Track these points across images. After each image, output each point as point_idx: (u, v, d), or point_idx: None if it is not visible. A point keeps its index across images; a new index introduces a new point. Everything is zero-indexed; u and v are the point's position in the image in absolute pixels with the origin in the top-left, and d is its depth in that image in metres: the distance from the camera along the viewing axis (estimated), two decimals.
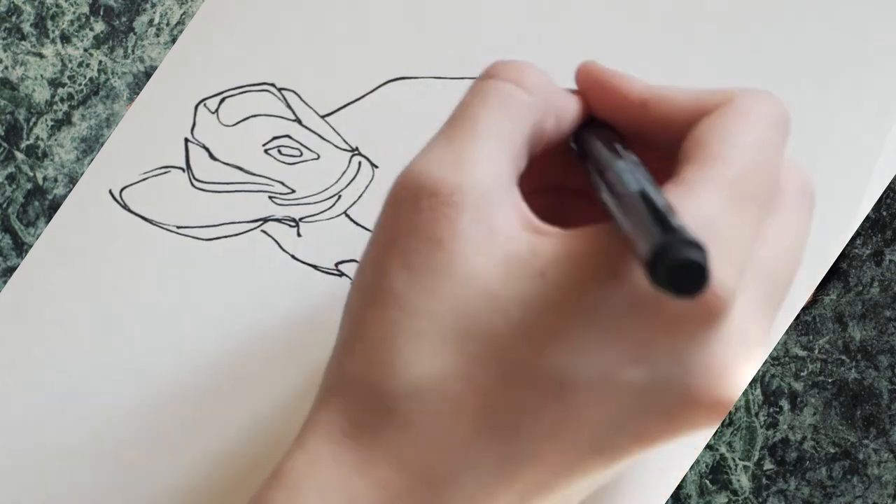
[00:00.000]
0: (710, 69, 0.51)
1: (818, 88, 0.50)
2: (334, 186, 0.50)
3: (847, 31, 0.51)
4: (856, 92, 0.50)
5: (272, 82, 0.51)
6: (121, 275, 0.49)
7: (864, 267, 0.52)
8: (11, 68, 0.52)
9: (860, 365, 0.51)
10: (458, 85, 0.51)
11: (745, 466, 0.51)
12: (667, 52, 0.51)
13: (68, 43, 0.52)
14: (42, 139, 0.52)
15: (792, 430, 0.51)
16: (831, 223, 0.49)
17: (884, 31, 0.51)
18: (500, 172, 0.37)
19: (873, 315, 0.52)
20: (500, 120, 0.38)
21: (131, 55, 0.52)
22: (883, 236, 0.52)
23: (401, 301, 0.35)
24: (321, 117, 0.50)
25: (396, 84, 0.51)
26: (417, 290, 0.35)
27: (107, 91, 0.52)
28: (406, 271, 0.35)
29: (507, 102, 0.38)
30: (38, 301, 0.49)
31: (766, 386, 0.51)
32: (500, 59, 0.40)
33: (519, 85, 0.39)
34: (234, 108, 0.51)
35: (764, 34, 0.51)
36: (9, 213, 0.52)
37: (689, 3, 0.51)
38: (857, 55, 0.51)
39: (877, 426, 0.51)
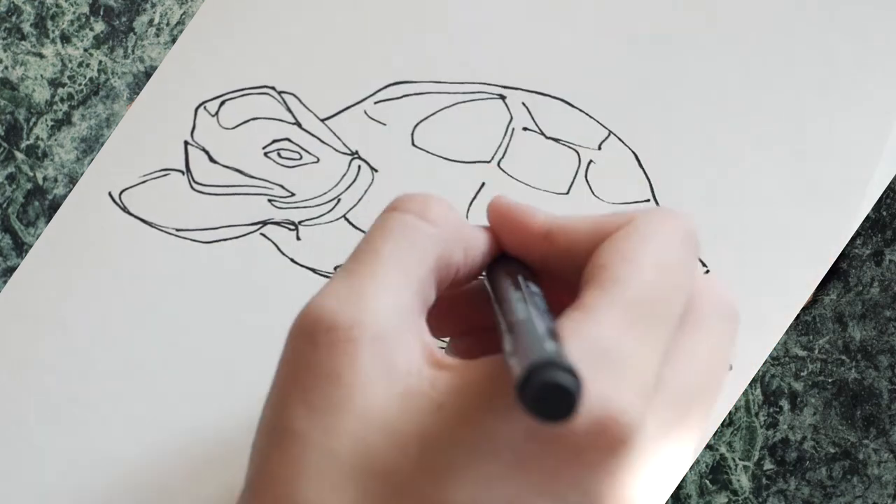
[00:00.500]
0: (710, 72, 0.51)
1: (819, 89, 0.50)
2: (334, 190, 0.50)
3: (847, 32, 0.51)
4: (856, 93, 0.50)
5: (272, 85, 0.51)
6: (120, 276, 0.49)
7: (864, 267, 0.52)
8: (11, 68, 0.52)
9: (860, 365, 0.51)
10: (457, 89, 0.51)
11: (745, 466, 0.51)
12: (667, 56, 0.51)
13: (68, 43, 0.52)
14: (42, 139, 0.52)
15: (792, 430, 0.51)
16: (831, 223, 0.50)
17: (884, 32, 0.51)
18: (402, 305, 0.36)
19: (873, 315, 0.52)
20: (403, 252, 0.37)
21: (131, 55, 0.52)
22: (883, 236, 0.52)
23: (301, 440, 0.35)
24: (321, 121, 0.50)
25: (396, 88, 0.51)
26: (317, 428, 0.35)
27: (107, 91, 0.52)
28: (305, 409, 0.35)
29: (411, 235, 0.37)
30: (38, 301, 0.49)
31: (766, 386, 0.51)
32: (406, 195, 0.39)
33: (422, 217, 0.38)
34: (233, 111, 0.51)
35: (764, 36, 0.51)
36: (9, 213, 0.52)
37: (689, 6, 0.51)
38: (857, 56, 0.51)
39: (877, 426, 0.51)
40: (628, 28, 0.51)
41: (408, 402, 0.35)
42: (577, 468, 0.34)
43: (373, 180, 0.50)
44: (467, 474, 0.34)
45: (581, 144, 0.50)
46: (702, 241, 0.49)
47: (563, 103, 0.50)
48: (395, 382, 0.35)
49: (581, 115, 0.50)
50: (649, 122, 0.50)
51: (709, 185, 0.50)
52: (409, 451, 0.34)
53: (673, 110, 0.50)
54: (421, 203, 0.38)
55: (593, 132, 0.50)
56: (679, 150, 0.50)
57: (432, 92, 0.51)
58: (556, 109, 0.50)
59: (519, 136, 0.50)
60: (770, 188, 0.50)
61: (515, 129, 0.50)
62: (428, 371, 0.35)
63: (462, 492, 0.34)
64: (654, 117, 0.50)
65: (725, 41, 0.51)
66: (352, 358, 0.35)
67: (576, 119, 0.50)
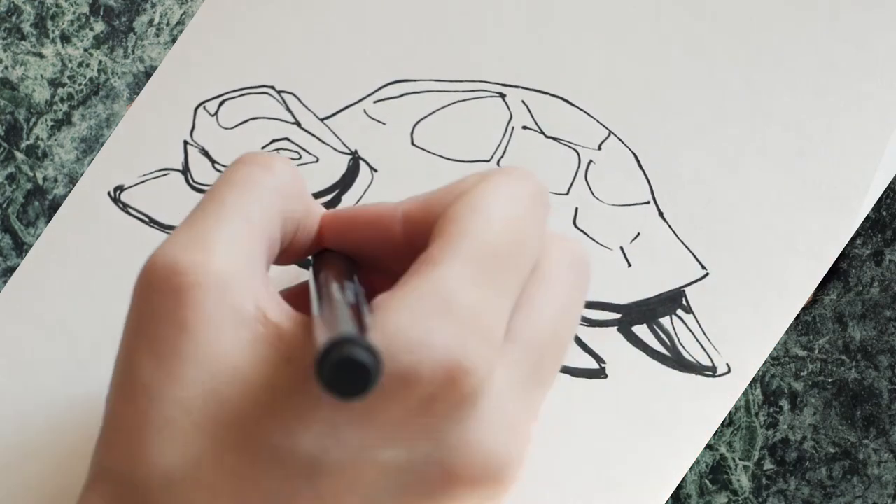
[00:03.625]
0: (710, 72, 0.51)
1: (819, 90, 0.50)
2: (333, 189, 0.50)
3: (847, 33, 0.51)
4: (856, 93, 0.50)
5: (272, 85, 0.51)
6: (120, 276, 0.49)
7: (864, 267, 0.52)
8: (11, 68, 0.52)
9: (860, 365, 0.51)
10: (456, 87, 0.51)
11: (745, 466, 0.51)
12: (668, 56, 0.51)
13: (68, 43, 0.52)
14: (42, 139, 0.52)
15: (792, 430, 0.51)
16: (831, 223, 0.50)
17: (884, 34, 0.51)
18: (246, 254, 0.36)
19: (873, 315, 0.52)
20: (247, 201, 0.37)
21: (131, 55, 0.52)
22: (883, 236, 0.52)
23: (150, 391, 0.34)
24: (320, 120, 0.50)
25: (395, 87, 0.51)
26: (165, 377, 0.34)
27: (107, 91, 0.52)
28: (153, 359, 0.35)
29: (254, 186, 0.37)
30: (38, 301, 0.49)
31: (766, 386, 0.51)
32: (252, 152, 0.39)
33: (266, 170, 0.38)
34: (233, 111, 0.51)
35: (765, 37, 0.51)
36: (9, 213, 0.52)
37: (689, 8, 0.51)
38: (857, 58, 0.51)
39: (877, 426, 0.51)
40: (629, 28, 0.51)
41: (256, 350, 0.35)
42: (426, 418, 0.34)
43: (372, 179, 0.50)
44: (316, 424, 0.34)
45: (581, 144, 0.50)
46: (701, 241, 0.49)
47: (564, 102, 0.50)
48: (242, 329, 0.35)
49: (581, 114, 0.50)
50: (649, 122, 0.50)
51: (708, 186, 0.50)
52: (258, 401, 0.34)
53: (673, 111, 0.50)
54: (266, 157, 0.38)
55: (593, 132, 0.50)
56: (679, 151, 0.50)
57: (432, 90, 0.51)
58: (556, 108, 0.50)
59: (519, 135, 0.50)
60: (770, 188, 0.50)
61: (515, 128, 0.50)
62: (275, 318, 0.35)
63: (310, 440, 0.34)
64: (654, 117, 0.50)
65: (726, 41, 0.51)
66: (197, 303, 0.34)
67: (576, 118, 0.50)
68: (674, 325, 0.49)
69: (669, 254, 0.50)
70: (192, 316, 0.34)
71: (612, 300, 0.50)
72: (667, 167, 0.50)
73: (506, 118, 0.50)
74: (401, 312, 0.34)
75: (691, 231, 0.50)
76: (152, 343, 0.35)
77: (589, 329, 0.49)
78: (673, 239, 0.50)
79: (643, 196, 0.50)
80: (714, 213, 0.50)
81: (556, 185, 0.50)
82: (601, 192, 0.50)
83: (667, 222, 0.50)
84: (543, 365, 0.37)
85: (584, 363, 0.49)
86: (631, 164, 0.50)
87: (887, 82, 0.50)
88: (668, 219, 0.50)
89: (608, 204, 0.50)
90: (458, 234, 0.35)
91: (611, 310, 0.50)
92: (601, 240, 0.50)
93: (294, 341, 0.35)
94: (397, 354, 0.33)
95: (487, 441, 0.35)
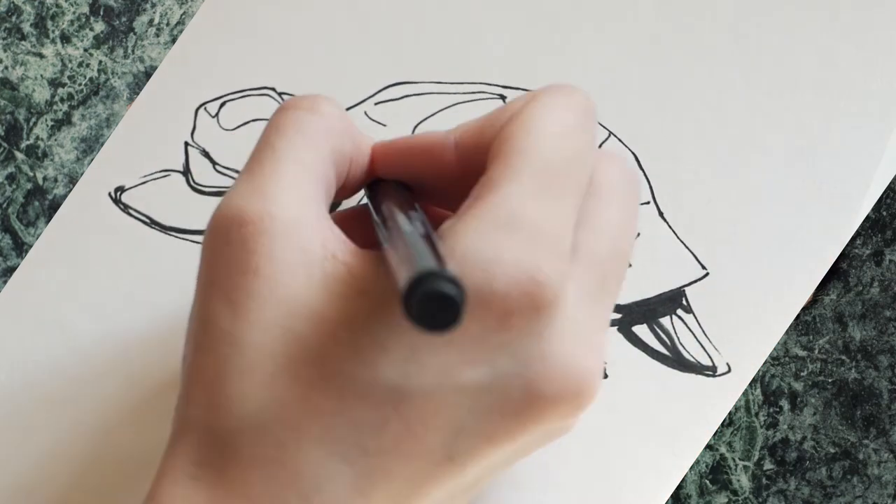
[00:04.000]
0: (710, 72, 0.51)
1: (819, 89, 0.50)
2: None
3: (848, 32, 0.51)
4: (856, 93, 0.50)
5: (272, 86, 0.51)
6: (120, 276, 0.49)
7: (864, 267, 0.52)
8: (11, 68, 0.52)
9: (860, 365, 0.51)
10: (457, 89, 0.51)
11: (745, 466, 0.51)
12: (667, 56, 0.51)
13: (68, 43, 0.52)
14: (42, 139, 0.52)
15: (792, 430, 0.51)
16: (831, 223, 0.50)
17: (884, 32, 0.51)
18: (306, 197, 0.37)
19: (873, 315, 0.52)
20: (299, 146, 0.38)
21: (131, 55, 0.52)
22: (883, 236, 0.52)
23: (229, 338, 0.35)
24: None
25: (396, 88, 0.51)
26: (244, 323, 0.35)
27: (107, 91, 0.52)
28: (229, 307, 0.35)
29: (304, 129, 0.38)
30: (38, 301, 0.49)
31: (766, 386, 0.51)
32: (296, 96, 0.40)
33: (313, 112, 0.39)
34: (234, 113, 0.51)
35: (765, 36, 0.51)
36: (9, 213, 0.52)
37: (689, 8, 0.51)
38: (857, 56, 0.51)
39: (877, 426, 0.51)
40: (628, 28, 0.51)
41: (330, 288, 0.35)
42: (504, 334, 0.34)
43: None
44: (397, 352, 0.34)
45: None
46: (702, 241, 0.49)
47: None
48: (313, 269, 0.35)
49: None
50: (649, 123, 0.50)
51: (708, 186, 0.50)
52: (337, 336, 0.35)
53: (673, 111, 0.50)
54: (311, 100, 0.39)
55: None
56: (679, 151, 0.50)
57: (433, 92, 0.51)
58: None
59: None
60: (770, 188, 0.50)
61: None
62: (343, 258, 0.36)
63: (393, 368, 0.34)
64: (654, 117, 0.50)
65: (725, 41, 0.51)
66: (267, 249, 0.35)
67: None
68: (674, 324, 0.49)
69: (669, 254, 0.50)
70: (263, 262, 0.35)
71: None
72: (667, 167, 0.50)
73: None
74: (469, 235, 0.34)
75: (691, 231, 0.50)
76: (228, 292, 0.36)
77: None
78: (673, 239, 0.50)
79: (643, 196, 0.50)
80: (714, 213, 0.50)
81: None
82: None
83: (667, 222, 0.50)
84: (608, 278, 0.38)
85: None
86: (631, 164, 0.50)
87: (887, 82, 0.50)
88: (668, 219, 0.50)
89: None
90: (515, 153, 0.36)
91: None
92: None
93: (365, 275, 0.35)
94: (471, 275, 0.34)
95: (566, 353, 0.35)
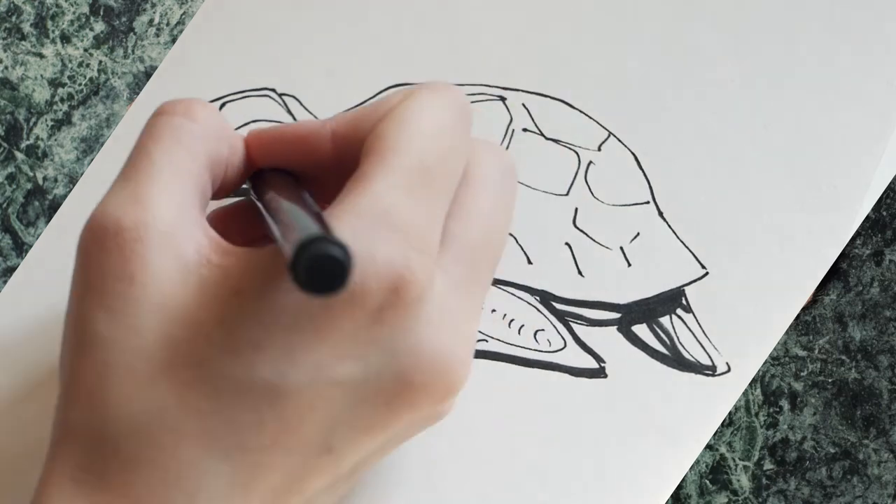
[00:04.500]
0: (710, 72, 0.51)
1: (819, 89, 0.50)
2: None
3: (847, 32, 0.51)
4: (856, 93, 0.50)
5: (273, 88, 0.51)
6: None
7: (864, 267, 0.52)
8: (11, 68, 0.52)
9: (860, 365, 0.51)
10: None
11: (745, 466, 0.51)
12: (667, 57, 0.51)
13: (68, 43, 0.52)
14: (42, 139, 0.52)
15: (792, 430, 0.51)
16: (831, 223, 0.50)
17: (884, 33, 0.51)
18: (182, 203, 0.38)
19: (873, 315, 0.52)
20: (174, 152, 0.39)
21: (131, 55, 0.52)
22: (883, 236, 0.52)
23: (107, 343, 0.36)
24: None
25: (397, 90, 0.51)
26: (120, 328, 0.36)
27: (107, 91, 0.52)
28: (106, 313, 0.36)
29: (179, 134, 0.39)
30: (38, 301, 0.49)
31: (766, 386, 0.51)
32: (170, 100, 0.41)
33: (188, 117, 0.39)
34: (234, 113, 0.51)
35: (764, 36, 0.51)
36: (9, 213, 0.52)
37: (688, 7, 0.51)
38: (857, 56, 0.50)
39: (877, 426, 0.51)
40: (628, 29, 0.51)
41: (205, 291, 0.36)
42: (375, 328, 0.36)
43: None
44: (271, 350, 0.35)
45: (581, 145, 0.50)
46: (701, 241, 0.49)
47: (564, 104, 0.50)
48: (189, 275, 0.36)
49: (581, 116, 0.50)
50: (649, 124, 0.50)
51: (708, 186, 0.50)
52: (213, 338, 0.35)
53: (672, 111, 0.50)
54: (185, 105, 0.40)
55: (593, 133, 0.50)
56: (678, 151, 0.50)
57: None
58: (556, 110, 0.50)
59: (519, 137, 0.50)
60: (770, 188, 0.50)
61: (515, 130, 0.50)
62: (218, 259, 0.37)
63: (268, 366, 0.35)
64: (654, 118, 0.50)
65: (725, 41, 0.51)
66: (142, 256, 0.36)
67: (576, 120, 0.50)
68: (673, 324, 0.49)
69: (669, 253, 0.50)
70: (139, 269, 0.36)
71: (612, 300, 0.50)
72: (667, 167, 0.50)
73: (506, 121, 0.50)
74: (340, 230, 0.35)
75: (691, 231, 0.50)
76: (104, 298, 0.36)
77: (589, 328, 0.49)
78: (673, 239, 0.50)
79: (643, 196, 0.50)
80: (714, 213, 0.50)
81: (557, 185, 0.50)
82: (601, 192, 0.50)
83: (667, 222, 0.50)
84: (479, 265, 0.39)
85: (584, 363, 0.49)
86: (631, 164, 0.50)
87: (887, 82, 0.50)
88: (668, 219, 0.50)
89: (608, 204, 0.50)
90: (388, 149, 0.37)
91: (611, 309, 0.50)
92: (601, 240, 0.50)
93: (241, 275, 0.36)
94: None
95: (433, 342, 0.37)
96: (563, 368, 0.49)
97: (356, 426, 0.37)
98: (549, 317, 0.49)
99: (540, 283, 0.49)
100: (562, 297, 0.49)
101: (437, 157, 0.37)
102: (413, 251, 0.35)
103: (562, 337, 0.49)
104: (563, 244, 0.50)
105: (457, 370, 0.37)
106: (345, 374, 0.36)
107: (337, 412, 0.36)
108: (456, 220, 0.39)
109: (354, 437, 0.37)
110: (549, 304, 0.49)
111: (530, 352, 0.49)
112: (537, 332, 0.49)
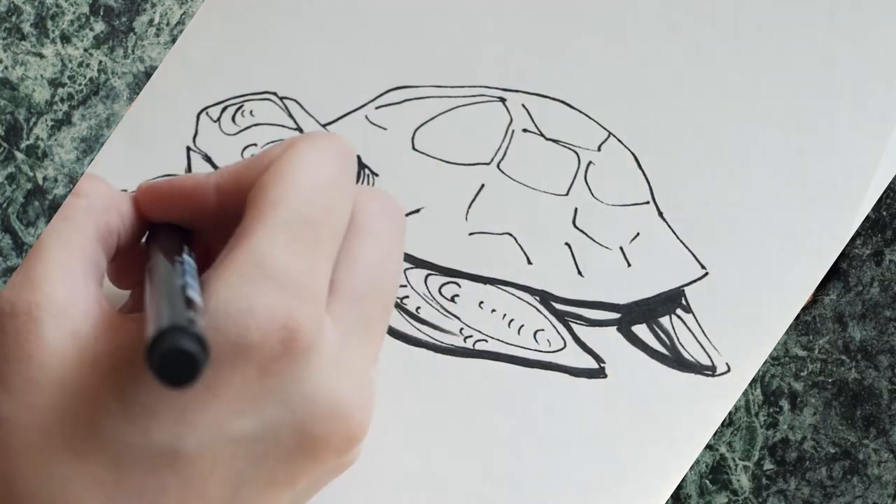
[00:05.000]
0: (710, 72, 0.51)
1: (819, 89, 0.50)
2: None
3: (848, 32, 0.51)
4: (856, 93, 0.50)
5: (274, 91, 0.51)
6: None
7: (864, 267, 0.52)
8: (11, 68, 0.52)
9: (860, 365, 0.52)
10: (457, 92, 0.51)
11: (745, 466, 0.51)
12: (667, 57, 0.51)
13: (68, 43, 0.52)
14: (42, 139, 0.52)
15: (792, 430, 0.51)
16: (831, 223, 0.50)
17: (884, 33, 0.51)
18: (74, 280, 0.38)
19: (873, 315, 0.52)
20: (63, 231, 0.39)
21: (131, 55, 0.52)
22: (883, 236, 0.52)
23: (7, 424, 0.36)
24: (322, 126, 0.50)
25: (397, 93, 0.51)
26: (20, 408, 0.36)
27: (107, 91, 0.52)
28: (5, 393, 0.37)
29: (66, 214, 0.40)
30: None
31: (766, 386, 0.52)
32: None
33: (74, 195, 0.40)
34: (235, 117, 0.51)
35: (764, 36, 0.51)
36: (9, 213, 0.52)
37: (688, 9, 0.51)
38: (857, 57, 0.50)
39: (877, 426, 0.51)
40: (628, 29, 0.51)
41: (100, 364, 0.36)
42: (267, 381, 0.36)
43: (373, 184, 0.50)
44: (165, 415, 0.35)
45: (580, 146, 0.50)
46: (701, 241, 0.49)
47: (563, 105, 0.50)
48: (84, 349, 0.37)
49: (581, 116, 0.50)
50: (649, 124, 0.50)
51: (708, 186, 0.50)
52: (110, 409, 0.36)
53: (672, 111, 0.50)
54: (78, 184, 0.41)
55: (593, 133, 0.50)
56: (678, 152, 0.50)
57: (433, 96, 0.51)
58: (555, 111, 0.50)
59: (519, 138, 0.50)
60: (770, 188, 0.50)
61: (515, 131, 0.50)
62: (112, 333, 0.37)
63: (164, 431, 0.35)
64: (654, 118, 0.50)
65: (725, 42, 0.51)
66: (38, 337, 0.37)
67: (575, 120, 0.50)
68: (673, 324, 0.49)
69: (669, 254, 0.50)
70: (36, 349, 0.37)
71: (611, 300, 0.50)
72: (667, 167, 0.50)
73: (506, 122, 0.50)
74: (220, 288, 0.36)
75: (691, 231, 0.50)
76: (3, 379, 0.37)
77: (589, 329, 0.49)
78: (673, 239, 0.50)
79: (643, 196, 0.50)
80: (714, 213, 0.50)
81: (557, 185, 0.50)
82: (601, 192, 0.50)
83: (666, 222, 0.50)
84: (370, 312, 0.39)
85: (584, 363, 0.49)
86: (630, 164, 0.50)
87: (887, 82, 0.50)
88: (668, 219, 0.50)
89: (608, 204, 0.50)
90: (268, 204, 0.37)
91: (610, 309, 0.50)
92: (601, 240, 0.50)
93: (132, 344, 0.37)
94: (225, 327, 0.35)
95: (328, 390, 0.37)
96: (563, 368, 0.49)
97: (261, 482, 0.37)
98: (549, 317, 0.49)
99: (540, 283, 0.49)
100: (561, 297, 0.49)
101: (317, 208, 0.38)
102: (295, 301, 0.36)
103: (561, 337, 0.49)
104: (562, 244, 0.50)
105: (355, 416, 0.37)
106: (242, 430, 0.36)
107: (240, 469, 0.36)
108: (343, 268, 0.39)
109: (261, 494, 0.37)
110: (549, 305, 0.49)
111: (530, 352, 0.49)
112: (537, 333, 0.49)
